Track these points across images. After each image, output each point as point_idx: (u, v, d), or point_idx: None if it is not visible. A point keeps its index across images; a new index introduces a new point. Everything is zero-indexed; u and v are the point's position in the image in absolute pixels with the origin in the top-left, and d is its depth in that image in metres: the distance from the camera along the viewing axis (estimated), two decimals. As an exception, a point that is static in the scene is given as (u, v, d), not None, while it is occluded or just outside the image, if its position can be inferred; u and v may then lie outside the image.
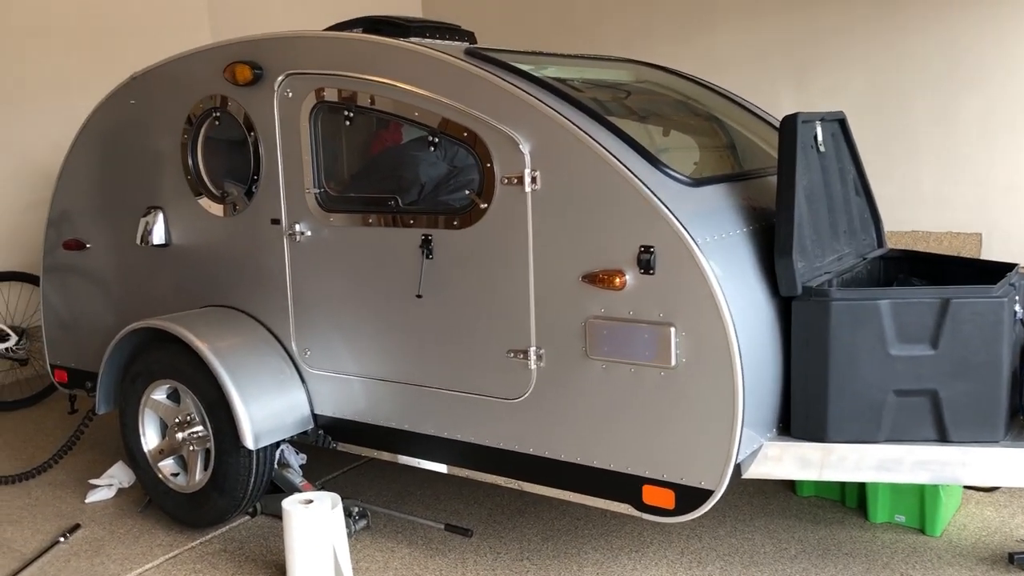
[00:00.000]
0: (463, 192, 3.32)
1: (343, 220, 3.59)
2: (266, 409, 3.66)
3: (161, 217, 4.16)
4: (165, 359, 3.85)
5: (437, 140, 3.36)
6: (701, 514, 2.96)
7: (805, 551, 3.54)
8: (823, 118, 3.52)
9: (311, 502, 3.30)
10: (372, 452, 3.74)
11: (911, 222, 6.21)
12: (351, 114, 3.54)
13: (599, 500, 3.16)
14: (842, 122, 3.76)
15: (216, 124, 3.92)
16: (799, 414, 3.11)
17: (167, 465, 3.96)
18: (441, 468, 3.59)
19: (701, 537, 3.68)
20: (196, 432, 3.81)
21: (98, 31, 6.65)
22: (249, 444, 3.59)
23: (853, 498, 3.86)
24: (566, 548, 3.64)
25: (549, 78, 3.34)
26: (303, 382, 3.81)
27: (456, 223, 3.31)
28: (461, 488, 4.22)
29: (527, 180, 3.12)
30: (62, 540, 3.86)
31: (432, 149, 3.38)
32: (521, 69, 3.28)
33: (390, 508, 4.02)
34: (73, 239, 4.57)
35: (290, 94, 3.64)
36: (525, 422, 3.25)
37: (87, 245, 4.53)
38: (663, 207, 2.88)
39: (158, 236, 4.15)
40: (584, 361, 3.10)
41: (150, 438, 4.00)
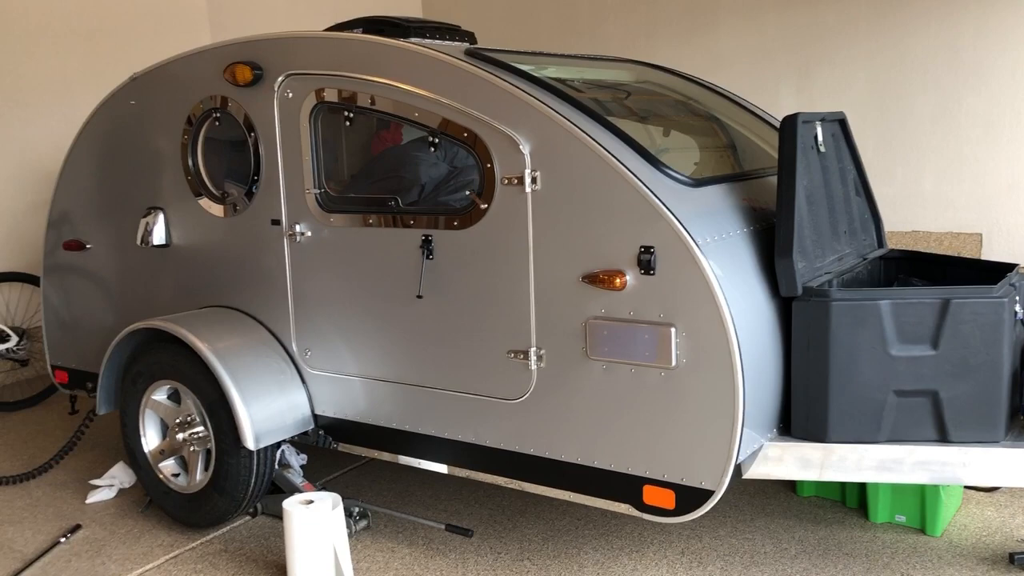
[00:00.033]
0: (463, 193, 3.32)
1: (343, 220, 3.59)
2: (267, 409, 3.66)
3: (161, 218, 4.16)
4: (166, 360, 3.86)
5: (437, 141, 3.36)
6: (701, 514, 2.97)
7: (805, 551, 3.54)
8: (823, 118, 3.52)
9: (312, 502, 3.30)
10: (373, 452, 3.75)
11: (911, 222, 6.20)
12: (351, 114, 3.54)
13: (600, 500, 3.16)
14: (842, 122, 3.76)
15: (216, 124, 3.92)
16: (799, 414, 3.11)
17: (168, 465, 3.97)
18: (441, 468, 3.59)
19: (701, 537, 3.68)
20: (197, 432, 3.81)
21: (98, 32, 6.65)
22: (250, 444, 3.59)
23: (854, 498, 3.86)
24: (567, 548, 3.64)
25: (549, 79, 3.34)
26: (303, 382, 3.81)
27: (456, 224, 3.31)
28: (461, 488, 4.23)
29: (527, 181, 3.12)
30: (63, 540, 3.87)
31: (432, 150, 3.38)
32: (521, 70, 3.28)
33: (391, 508, 4.02)
34: (73, 240, 4.58)
35: (290, 94, 3.64)
36: (525, 422, 3.25)
37: (87, 246, 4.53)
38: (663, 207, 2.88)
39: (158, 237, 4.15)
40: (584, 361, 3.10)
41: (151, 439, 4.00)
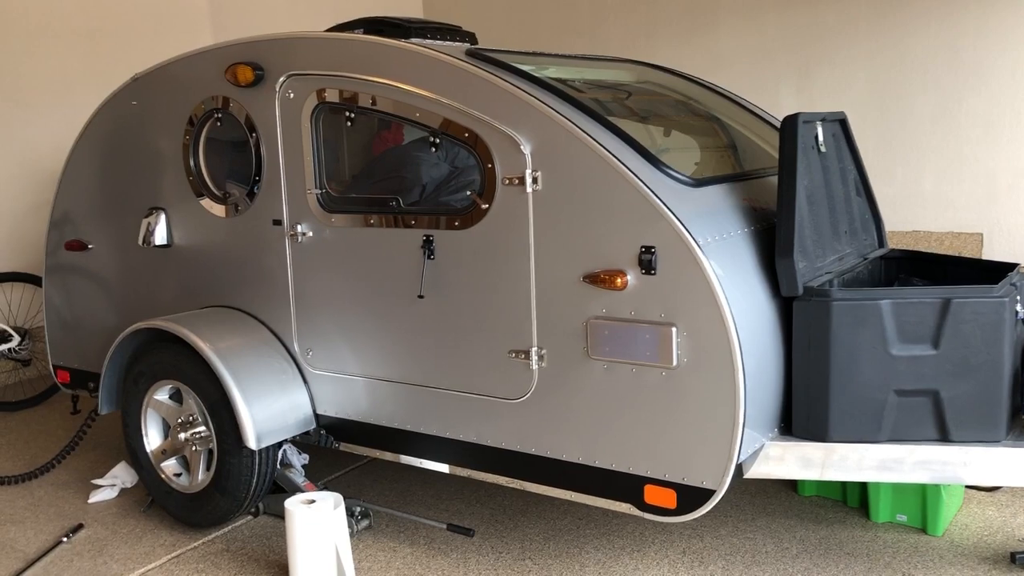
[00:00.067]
0: (464, 193, 3.32)
1: (345, 221, 3.59)
2: (268, 409, 3.67)
3: (163, 218, 4.16)
4: (167, 360, 3.86)
5: (438, 141, 3.36)
6: (703, 514, 2.97)
7: (807, 551, 3.54)
8: (824, 118, 3.52)
9: (313, 502, 3.31)
10: (374, 452, 3.75)
11: (912, 222, 6.20)
12: (352, 115, 3.54)
13: (601, 500, 3.16)
14: (843, 122, 3.76)
15: (218, 125, 3.93)
16: (800, 414, 3.12)
17: (170, 465, 3.97)
18: (443, 468, 3.59)
19: (703, 537, 3.69)
20: (198, 432, 3.82)
21: (99, 32, 6.66)
22: (251, 444, 3.60)
23: (855, 498, 3.86)
24: (568, 548, 3.64)
25: (550, 79, 3.35)
26: (305, 382, 3.81)
27: (457, 224, 3.31)
28: (463, 488, 4.23)
29: (528, 181, 3.12)
30: (65, 540, 3.87)
31: (433, 150, 3.39)
32: (522, 70, 3.28)
33: (392, 508, 4.03)
34: (75, 240, 4.58)
35: (291, 95, 3.65)
36: (527, 422, 3.26)
37: (89, 246, 4.54)
38: (664, 207, 2.89)
39: (160, 237, 4.15)
40: (585, 361, 3.10)
41: (152, 438, 4.01)
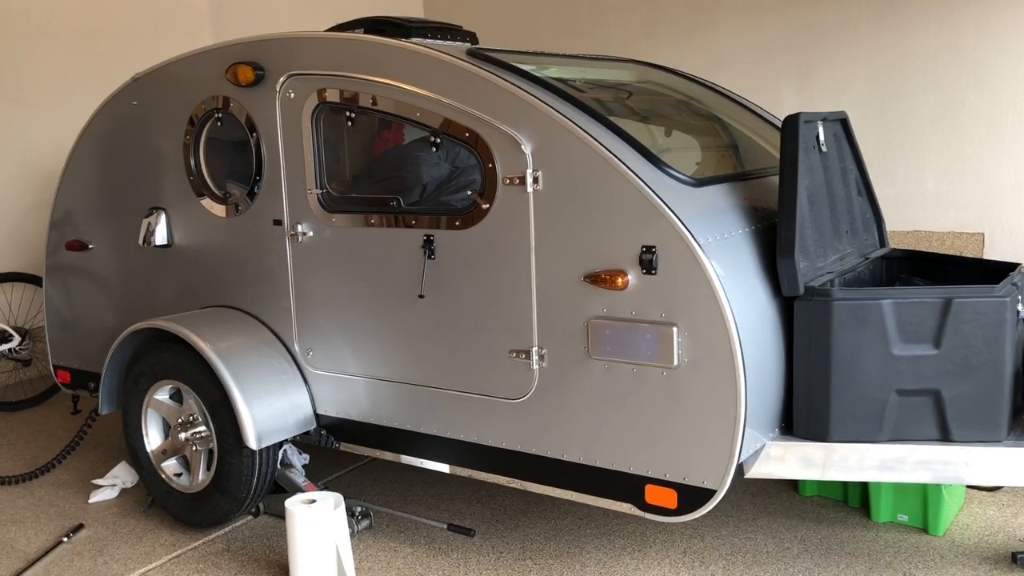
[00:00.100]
0: (465, 192, 3.32)
1: (345, 220, 3.59)
2: (269, 409, 3.66)
3: (163, 218, 4.16)
4: (168, 359, 3.86)
5: (439, 141, 3.36)
6: (704, 514, 2.97)
7: (808, 551, 3.54)
8: (825, 118, 3.52)
9: (314, 502, 3.30)
10: (375, 452, 3.75)
11: (913, 222, 6.20)
12: (353, 115, 3.54)
13: (602, 500, 3.16)
14: (844, 122, 3.76)
15: (218, 125, 3.93)
16: (801, 414, 3.11)
17: (170, 465, 3.97)
18: (443, 468, 3.59)
19: (704, 536, 3.68)
20: (199, 432, 3.82)
21: (99, 32, 6.66)
22: (252, 444, 3.59)
23: (856, 498, 3.86)
24: (568, 548, 3.64)
25: (551, 78, 3.34)
26: (305, 382, 3.81)
27: (458, 223, 3.31)
28: (463, 488, 4.23)
29: (529, 180, 3.12)
30: (65, 540, 3.87)
31: (434, 150, 3.39)
32: (523, 69, 3.28)
33: (393, 508, 4.03)
34: (76, 240, 4.58)
35: (292, 95, 3.64)
36: (527, 422, 3.25)
37: (90, 246, 4.54)
38: (665, 207, 2.88)
39: (160, 237, 4.15)
40: (586, 361, 3.10)
41: (153, 438, 4.01)
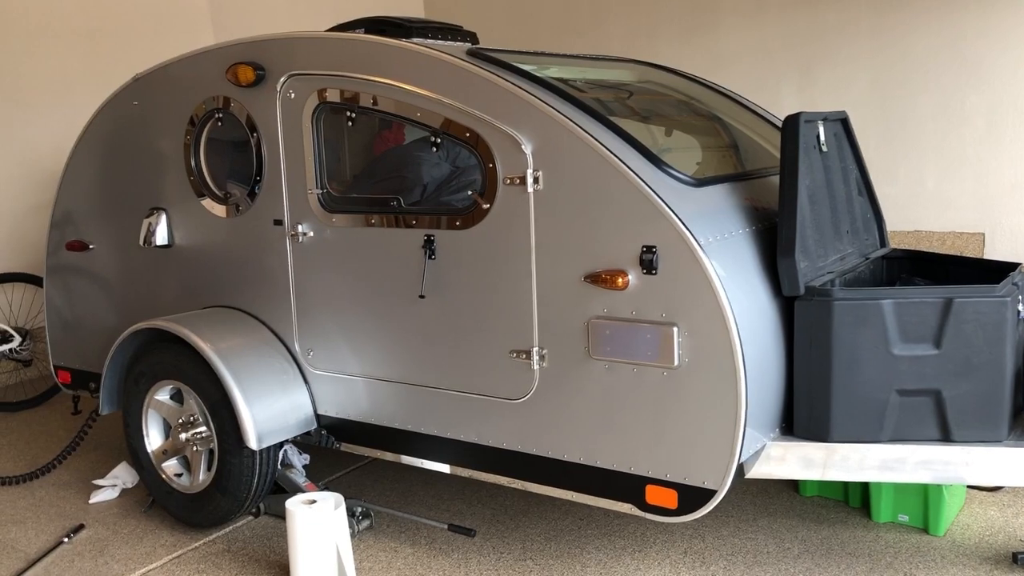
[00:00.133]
0: (465, 192, 3.32)
1: (346, 221, 3.59)
2: (269, 410, 3.66)
3: (164, 218, 4.16)
4: (168, 360, 3.86)
5: (439, 141, 3.36)
6: (704, 514, 2.97)
7: (808, 551, 3.54)
8: (825, 118, 3.51)
9: (314, 502, 3.30)
10: (375, 452, 3.75)
11: (914, 222, 6.19)
12: (353, 115, 3.54)
13: (602, 500, 3.16)
14: (844, 121, 3.76)
15: (219, 125, 3.93)
16: (802, 414, 3.11)
17: (171, 466, 3.97)
18: (444, 468, 3.59)
19: (704, 537, 3.68)
20: (199, 433, 3.82)
21: (99, 32, 6.66)
22: (252, 445, 3.59)
23: (856, 498, 3.86)
24: (569, 548, 3.64)
25: (551, 78, 3.34)
26: (306, 382, 3.81)
27: (459, 223, 3.31)
28: (464, 488, 4.23)
29: (529, 180, 3.12)
30: (66, 540, 3.87)
31: (434, 150, 3.39)
32: (523, 69, 3.28)
33: (393, 508, 4.03)
34: (76, 240, 4.58)
35: (292, 95, 3.64)
36: (528, 422, 3.25)
37: (90, 246, 4.54)
38: (665, 207, 2.88)
39: (161, 237, 4.15)
40: (587, 361, 3.10)
41: (153, 439, 4.01)
